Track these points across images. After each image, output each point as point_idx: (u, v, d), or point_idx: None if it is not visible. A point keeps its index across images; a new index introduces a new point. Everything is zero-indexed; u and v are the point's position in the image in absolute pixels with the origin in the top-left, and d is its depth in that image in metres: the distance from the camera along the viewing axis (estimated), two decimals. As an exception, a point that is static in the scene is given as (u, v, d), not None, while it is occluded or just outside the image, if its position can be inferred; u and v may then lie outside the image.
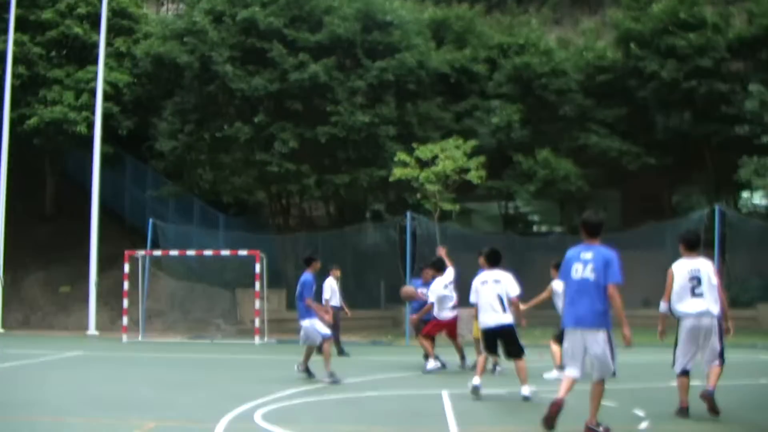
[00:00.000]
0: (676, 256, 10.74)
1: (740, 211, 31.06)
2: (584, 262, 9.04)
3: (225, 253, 27.20)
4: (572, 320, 9.11)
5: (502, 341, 12.40)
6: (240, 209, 34.01)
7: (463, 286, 14.68)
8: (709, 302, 10.08)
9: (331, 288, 20.68)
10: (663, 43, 31.14)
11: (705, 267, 10.32)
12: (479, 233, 33.77)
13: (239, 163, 30.28)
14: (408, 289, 18.16)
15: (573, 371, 9.11)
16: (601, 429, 8.73)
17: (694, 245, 10.61)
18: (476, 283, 12.69)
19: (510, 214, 36.85)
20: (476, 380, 12.05)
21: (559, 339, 14.43)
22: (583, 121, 32.55)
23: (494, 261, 12.84)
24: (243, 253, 26.35)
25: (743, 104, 29.45)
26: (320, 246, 29.72)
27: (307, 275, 14.66)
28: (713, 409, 9.80)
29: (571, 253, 9.33)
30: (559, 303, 14.18)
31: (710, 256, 23.63)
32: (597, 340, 8.87)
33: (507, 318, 12.38)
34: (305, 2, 29.90)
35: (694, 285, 10.13)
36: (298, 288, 14.63)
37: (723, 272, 26.07)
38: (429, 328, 16.04)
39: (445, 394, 12.32)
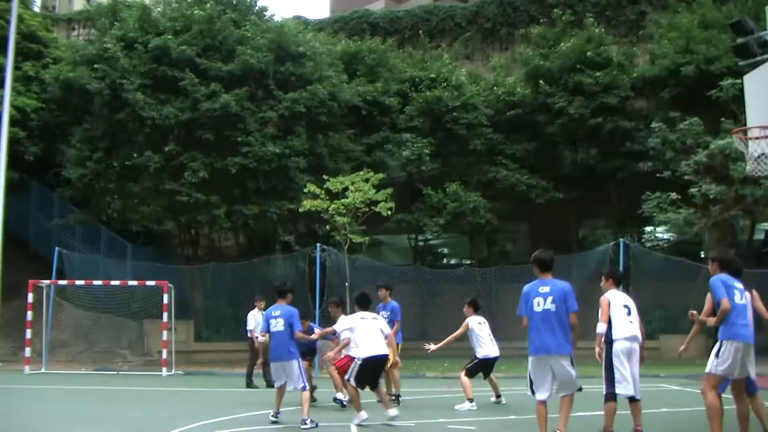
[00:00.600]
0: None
1: (644, 245, 31.71)
2: (544, 295, 10.04)
3: (132, 283, 26.78)
4: (539, 348, 10.06)
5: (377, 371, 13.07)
6: (148, 239, 33.60)
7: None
8: (637, 329, 10.87)
9: (255, 319, 20.47)
10: (571, 81, 31.93)
11: (631, 300, 11.17)
12: (389, 265, 33.92)
13: (148, 192, 29.90)
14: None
15: (543, 394, 10.06)
16: None
17: (620, 281, 11.68)
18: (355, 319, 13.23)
19: (420, 247, 37.05)
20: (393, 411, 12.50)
21: (471, 372, 14.69)
22: (492, 155, 33.09)
23: (363, 304, 13.62)
24: (151, 283, 26.00)
25: (646, 141, 30.30)
26: (229, 277, 29.57)
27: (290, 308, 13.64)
28: None
29: (528, 288, 10.30)
30: (474, 339, 14.52)
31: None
32: (563, 364, 9.92)
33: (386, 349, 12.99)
34: (218, 32, 29.80)
35: (627, 312, 10.86)
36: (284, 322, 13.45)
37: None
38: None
39: (352, 428, 12.31)
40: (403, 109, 33.14)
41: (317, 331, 16.15)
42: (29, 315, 25.65)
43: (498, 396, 15.40)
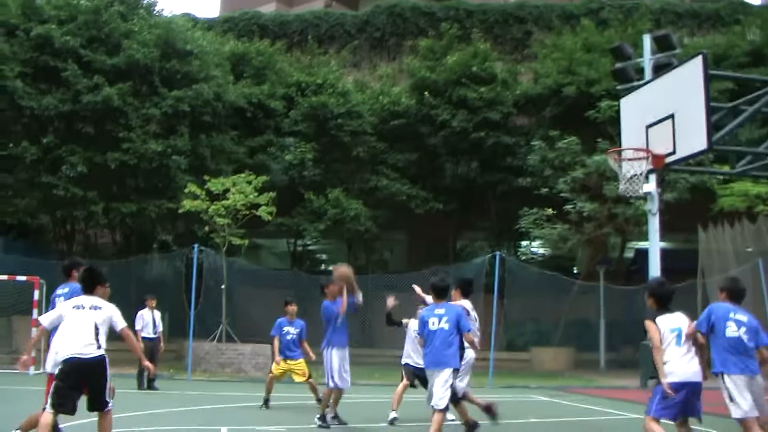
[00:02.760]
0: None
1: (520, 259, 32.36)
2: (438, 317, 10.34)
3: (2, 277, 26.03)
4: (432, 363, 10.36)
5: None
6: (22, 232, 32.74)
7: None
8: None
9: (143, 319, 19.98)
10: (455, 94, 32.41)
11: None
12: (267, 269, 33.83)
13: (23, 184, 29.10)
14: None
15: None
16: None
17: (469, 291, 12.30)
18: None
19: (299, 251, 37.05)
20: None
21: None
22: (375, 163, 33.35)
23: None
24: (21, 278, 25.31)
25: (526, 158, 30.96)
26: (105, 274, 28.94)
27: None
28: None
29: (425, 312, 10.67)
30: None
31: (490, 301, 24.70)
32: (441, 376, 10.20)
33: None
34: (104, 24, 29.19)
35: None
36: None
37: (501, 316, 27.09)
38: None
39: (223, 430, 12.27)
40: (288, 113, 33.15)
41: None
42: None
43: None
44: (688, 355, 9.11)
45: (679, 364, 9.02)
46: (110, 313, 9.37)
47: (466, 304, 11.63)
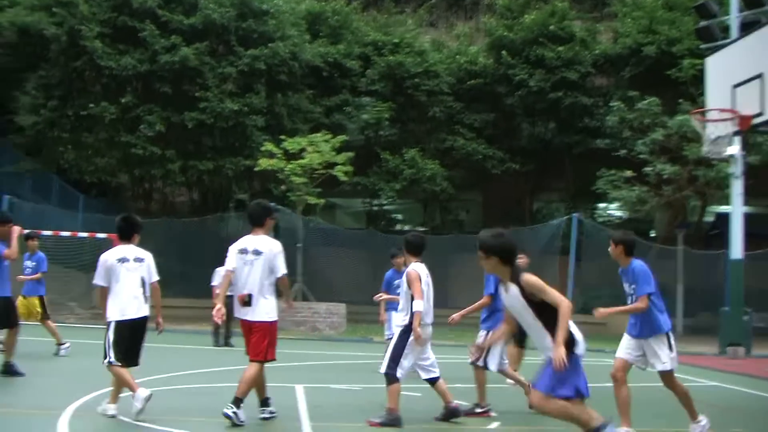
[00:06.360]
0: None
1: (596, 221, 31.94)
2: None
3: (83, 234, 26.44)
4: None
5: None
6: (101, 191, 33.20)
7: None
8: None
9: (221, 275, 19.42)
10: (533, 53, 31.97)
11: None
12: (342, 228, 33.87)
13: (103, 143, 29.52)
14: None
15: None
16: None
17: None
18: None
19: (374, 211, 37.03)
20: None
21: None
22: (451, 123, 33.08)
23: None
24: (101, 235, 25.64)
25: (604, 118, 30.42)
26: (181, 232, 29.30)
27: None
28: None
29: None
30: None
31: (566, 263, 24.42)
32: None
33: None
34: (181, -16, 29.44)
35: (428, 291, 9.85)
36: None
37: (577, 279, 26.79)
38: None
39: (299, 388, 12.29)
40: (365, 73, 33.01)
41: None
42: (-26, 263, 25.20)
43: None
44: None
45: None
46: (151, 263, 9.46)
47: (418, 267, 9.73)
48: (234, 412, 8.71)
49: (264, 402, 9.35)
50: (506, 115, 33.53)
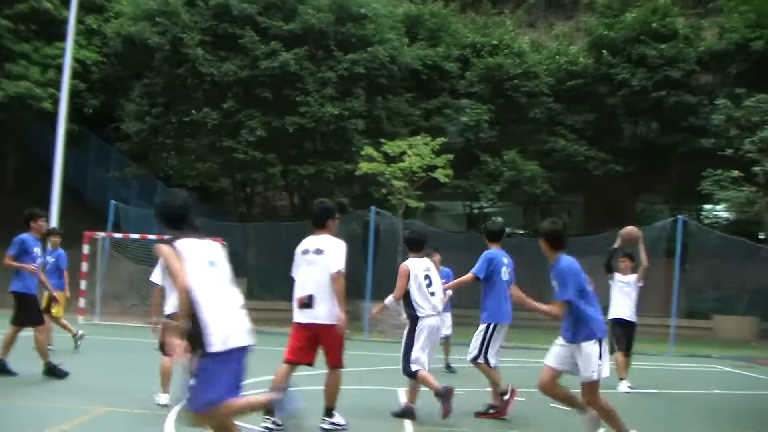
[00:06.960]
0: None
1: (702, 223, 31.24)
2: (508, 266, 10.54)
3: (186, 239, 26.78)
4: (508, 317, 10.46)
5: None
6: (204, 195, 33.72)
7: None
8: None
9: None
10: (634, 52, 31.43)
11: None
12: (443, 231, 33.75)
13: (205, 148, 30.06)
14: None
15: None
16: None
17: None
18: None
19: (474, 214, 36.83)
20: None
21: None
22: (551, 124, 32.76)
23: None
24: (205, 240, 26.01)
25: (710, 117, 29.73)
26: (283, 236, 29.48)
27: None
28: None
29: (493, 255, 10.56)
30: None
31: (671, 266, 23.89)
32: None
33: None
34: (280, -10, 29.75)
35: (428, 283, 10.38)
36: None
37: (682, 282, 26.19)
38: None
39: (401, 392, 12.22)
40: (463, 75, 32.89)
41: None
42: (84, 266, 25.90)
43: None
44: None
45: None
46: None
47: (411, 262, 10.43)
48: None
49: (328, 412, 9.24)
50: (608, 116, 33.02)
